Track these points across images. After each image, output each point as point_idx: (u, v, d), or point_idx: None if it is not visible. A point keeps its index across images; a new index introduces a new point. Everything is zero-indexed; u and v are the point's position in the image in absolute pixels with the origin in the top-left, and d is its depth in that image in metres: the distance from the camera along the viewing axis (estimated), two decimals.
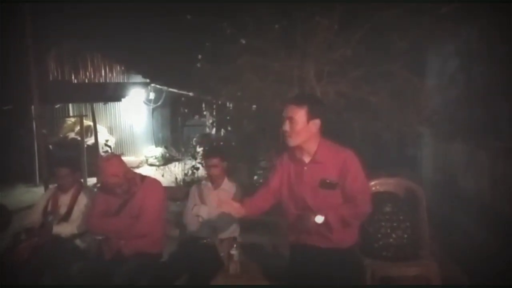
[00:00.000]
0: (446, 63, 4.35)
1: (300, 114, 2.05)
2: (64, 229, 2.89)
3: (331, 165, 2.08)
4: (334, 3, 4.30)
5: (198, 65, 5.68)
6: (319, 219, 1.99)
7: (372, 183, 2.84)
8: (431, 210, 2.84)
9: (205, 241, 2.86)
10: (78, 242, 2.91)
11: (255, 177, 5.51)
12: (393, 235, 2.68)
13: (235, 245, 2.79)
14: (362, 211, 2.07)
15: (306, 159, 2.14)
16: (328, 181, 2.07)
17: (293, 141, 2.09)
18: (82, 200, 2.99)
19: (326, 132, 2.16)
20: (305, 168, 2.14)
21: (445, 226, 3.82)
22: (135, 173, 2.83)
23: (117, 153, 7.88)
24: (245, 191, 3.04)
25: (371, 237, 2.67)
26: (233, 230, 2.93)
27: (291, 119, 2.07)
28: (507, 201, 3.31)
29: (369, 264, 2.61)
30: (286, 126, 2.08)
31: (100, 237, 2.70)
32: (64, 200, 3.03)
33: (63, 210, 2.99)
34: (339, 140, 2.20)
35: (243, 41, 5.00)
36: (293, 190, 2.18)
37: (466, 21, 3.69)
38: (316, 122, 2.08)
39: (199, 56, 5.69)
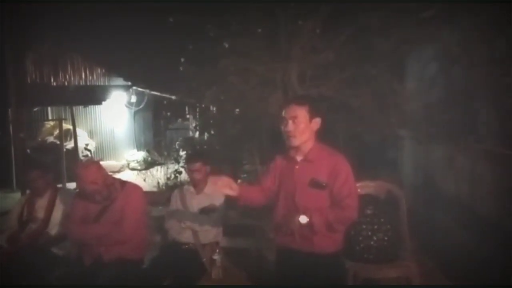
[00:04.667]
0: (426, 66, 4.44)
1: (303, 113, 2.08)
2: (42, 235, 2.81)
3: (322, 165, 2.11)
4: (317, 6, 4.33)
5: (181, 68, 5.64)
6: (303, 219, 2.00)
7: None
8: (411, 212, 2.88)
9: (187, 246, 2.83)
10: (55, 249, 2.83)
11: (239, 181, 5.49)
12: (374, 238, 2.71)
13: (217, 250, 2.77)
14: (348, 216, 2.08)
15: (299, 158, 2.16)
16: (317, 180, 2.09)
17: (297, 141, 2.10)
18: (59, 204, 2.92)
19: None
20: (297, 166, 2.16)
21: (425, 228, 3.89)
22: (115, 178, 2.78)
23: (96, 159, 7.75)
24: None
25: (352, 239, 2.69)
26: (216, 235, 2.90)
27: (294, 119, 2.08)
28: (486, 202, 3.39)
29: (351, 267, 2.63)
30: (290, 126, 2.09)
31: (79, 244, 2.64)
32: (41, 204, 2.95)
33: (40, 214, 2.91)
34: (321, 141, 2.21)
35: (226, 45, 4.99)
36: (283, 188, 2.20)
37: (446, 25, 3.77)
38: (317, 121, 2.12)
39: (182, 59, 5.65)
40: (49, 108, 10.44)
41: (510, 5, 2.97)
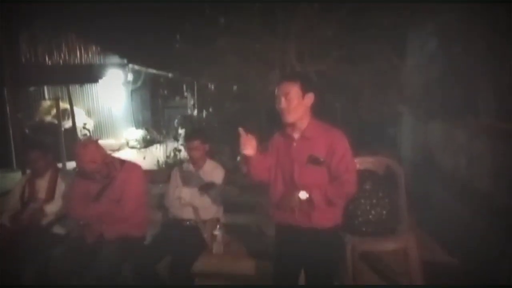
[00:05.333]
0: (425, 43, 4.38)
1: (295, 90, 2.07)
2: (46, 211, 2.85)
3: (319, 142, 2.11)
4: None
5: (177, 45, 5.56)
6: (303, 195, 2.03)
7: None
8: (409, 187, 2.91)
9: (188, 222, 2.86)
10: (57, 228, 2.87)
11: (238, 158, 5.52)
12: (372, 212, 2.75)
13: (218, 226, 2.81)
14: (347, 190, 2.10)
15: (296, 135, 2.17)
16: (315, 157, 2.10)
17: (291, 117, 2.10)
18: (61, 183, 2.94)
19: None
20: (294, 144, 2.17)
21: (423, 202, 3.94)
22: (114, 157, 2.78)
23: (94, 138, 7.73)
24: (229, 173, 3.05)
25: (351, 213, 2.73)
26: (216, 211, 2.94)
27: (286, 95, 2.07)
28: (483, 177, 3.42)
29: (349, 240, 2.68)
30: (283, 103, 2.09)
31: (81, 222, 2.67)
32: (42, 184, 2.96)
33: (41, 194, 2.93)
34: (320, 119, 2.21)
35: (223, 21, 4.91)
36: (282, 166, 2.21)
37: (445, 0, 3.70)
38: (310, 96, 2.11)
39: (178, 36, 5.57)
40: (45, 88, 10.33)
41: None
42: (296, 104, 2.07)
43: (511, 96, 3.12)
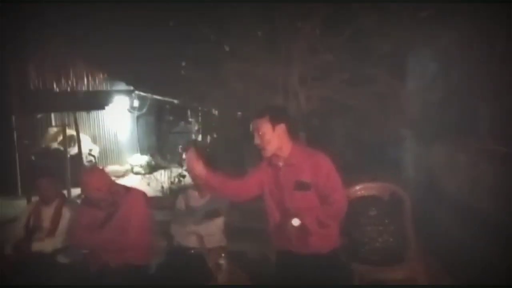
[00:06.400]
0: (426, 66, 4.44)
1: (264, 124, 2.16)
2: (47, 245, 2.83)
3: (303, 166, 2.16)
4: (316, 8, 4.35)
5: (182, 72, 5.67)
6: (296, 221, 2.06)
7: (357, 187, 2.88)
8: (415, 212, 2.88)
9: (192, 251, 2.84)
10: (60, 257, 2.85)
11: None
12: (379, 239, 2.72)
13: (223, 254, 2.79)
14: (337, 210, 2.14)
15: (281, 164, 2.22)
16: (302, 182, 2.15)
17: (267, 151, 2.19)
18: (66, 213, 2.94)
19: (310, 136, 2.20)
20: (280, 172, 2.22)
21: (429, 228, 3.88)
22: (119, 185, 2.80)
23: (100, 166, 7.78)
24: None
25: (357, 241, 2.70)
26: (220, 239, 2.91)
27: (258, 131, 2.16)
28: (487, 200, 3.39)
29: (356, 269, 2.63)
30: (256, 139, 2.18)
31: (85, 251, 2.66)
32: (47, 213, 2.96)
33: (46, 223, 2.93)
34: (323, 144, 2.25)
35: (227, 48, 5.02)
36: (273, 194, 2.26)
37: (445, 25, 3.77)
38: (282, 127, 2.17)
39: (183, 63, 5.68)
40: (52, 115, 10.47)
41: (510, 5, 2.97)
42: (268, 138, 2.15)
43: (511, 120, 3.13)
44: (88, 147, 10.10)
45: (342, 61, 4.42)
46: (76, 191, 7.52)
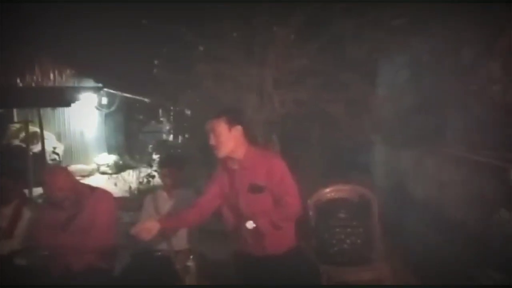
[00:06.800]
0: (398, 73, 4.56)
1: (221, 125, 2.16)
2: (3, 246, 2.67)
3: (258, 169, 2.18)
4: (292, 14, 4.37)
5: (155, 70, 5.55)
6: (250, 224, 2.07)
7: (327, 190, 2.93)
8: (383, 215, 2.94)
9: (159, 253, 2.76)
10: (18, 259, 2.70)
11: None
12: (347, 241, 2.77)
13: (191, 257, 2.73)
14: (290, 212, 2.16)
15: (235, 167, 2.23)
16: (255, 184, 2.16)
17: (221, 152, 2.18)
18: (26, 213, 2.79)
19: (284, 139, 2.20)
20: (235, 175, 2.23)
21: (396, 230, 3.98)
22: (84, 184, 2.69)
23: (64, 165, 7.50)
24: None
25: (326, 243, 2.73)
26: (190, 241, 2.85)
27: (214, 132, 2.16)
28: (453, 204, 3.51)
29: (325, 270, 2.65)
30: (211, 140, 2.18)
31: (45, 253, 2.52)
32: (5, 213, 2.80)
33: (4, 224, 2.77)
34: (296, 147, 2.25)
35: (201, 48, 4.95)
36: (228, 198, 2.27)
37: (417, 34, 3.89)
38: (238, 128, 2.18)
39: (156, 62, 5.56)
40: (14, 110, 10.00)
41: (480, 16, 3.10)
42: (223, 139, 2.15)
43: (479, 127, 3.26)
44: (52, 145, 9.72)
45: (317, 66, 4.45)
46: (38, 191, 7.20)
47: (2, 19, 8.95)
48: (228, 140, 2.15)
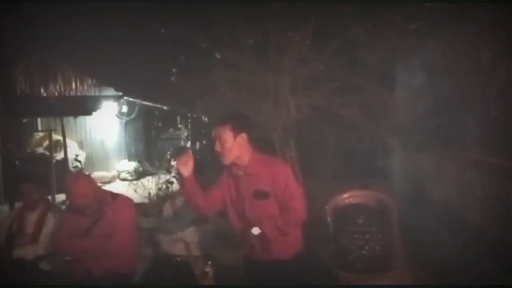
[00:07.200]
0: (414, 76, 4.51)
1: (226, 132, 2.17)
2: (29, 251, 2.76)
3: (262, 175, 2.18)
4: (306, 19, 4.40)
5: (172, 78, 5.65)
6: (256, 230, 2.09)
7: (345, 195, 2.91)
8: (402, 220, 2.90)
9: (179, 258, 2.80)
10: (43, 264, 2.78)
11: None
12: (366, 247, 2.73)
13: (209, 262, 2.76)
14: (296, 218, 2.17)
15: (240, 173, 2.24)
16: (260, 191, 2.17)
17: (226, 159, 2.20)
18: (50, 219, 2.87)
19: (301, 144, 2.21)
20: (240, 181, 2.24)
21: (416, 236, 3.91)
22: (106, 191, 2.75)
23: (86, 172, 7.67)
24: None
25: (344, 249, 2.70)
26: (208, 246, 2.88)
27: (219, 139, 2.17)
28: (474, 209, 3.43)
29: (344, 277, 2.64)
30: (217, 147, 2.18)
31: (68, 258, 2.60)
32: (31, 219, 2.89)
33: (29, 230, 2.86)
34: (313, 152, 2.26)
35: (218, 55, 5.03)
36: (234, 204, 2.28)
37: (432, 36, 3.85)
38: (243, 136, 2.19)
39: (174, 70, 5.67)
40: (38, 119, 10.31)
41: (495, 18, 3.05)
42: (228, 146, 2.16)
43: (498, 130, 3.19)
44: (74, 152, 9.96)
45: (332, 71, 4.45)
46: (61, 197, 7.39)
47: (25, 30, 9.26)
48: (233, 147, 2.16)
